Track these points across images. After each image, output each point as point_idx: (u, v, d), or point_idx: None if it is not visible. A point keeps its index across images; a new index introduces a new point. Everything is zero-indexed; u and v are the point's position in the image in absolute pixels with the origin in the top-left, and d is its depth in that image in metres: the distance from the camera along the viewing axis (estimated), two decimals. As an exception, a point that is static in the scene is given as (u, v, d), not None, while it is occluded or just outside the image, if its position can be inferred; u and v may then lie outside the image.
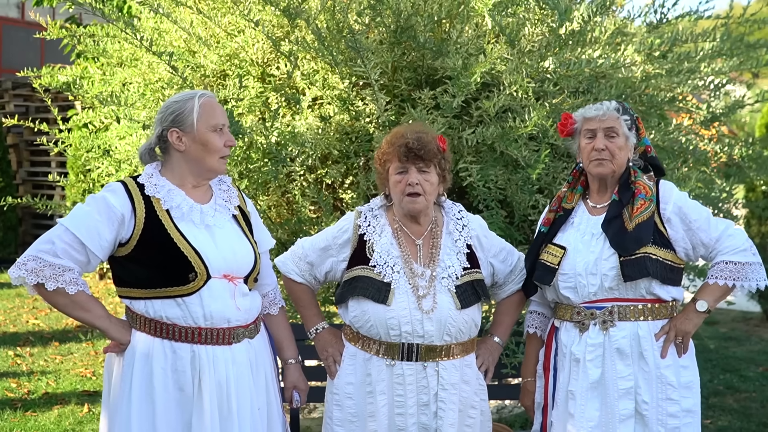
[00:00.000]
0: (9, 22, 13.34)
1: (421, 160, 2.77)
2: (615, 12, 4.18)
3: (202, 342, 2.59)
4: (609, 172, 2.83)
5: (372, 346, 2.81)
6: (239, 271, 2.68)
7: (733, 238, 2.80)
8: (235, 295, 2.65)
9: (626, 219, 2.76)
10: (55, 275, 2.53)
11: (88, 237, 2.54)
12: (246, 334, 2.69)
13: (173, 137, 2.65)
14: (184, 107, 2.64)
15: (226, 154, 2.70)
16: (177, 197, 2.64)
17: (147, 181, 2.65)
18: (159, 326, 2.58)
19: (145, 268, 2.59)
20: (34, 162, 12.36)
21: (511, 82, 3.64)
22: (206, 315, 2.58)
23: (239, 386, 2.64)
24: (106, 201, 2.58)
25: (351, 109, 3.92)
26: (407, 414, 2.77)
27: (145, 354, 2.59)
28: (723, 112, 4.41)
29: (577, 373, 2.80)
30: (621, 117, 2.81)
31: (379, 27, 3.92)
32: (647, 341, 2.76)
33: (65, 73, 4.65)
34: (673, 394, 2.76)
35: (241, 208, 2.80)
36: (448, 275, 2.82)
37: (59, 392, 5.63)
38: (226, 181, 2.82)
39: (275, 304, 2.95)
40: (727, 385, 5.96)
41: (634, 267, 2.72)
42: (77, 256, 2.55)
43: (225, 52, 4.21)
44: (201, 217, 2.66)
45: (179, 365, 2.58)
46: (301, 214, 4.04)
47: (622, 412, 2.74)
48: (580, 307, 2.81)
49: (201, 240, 2.62)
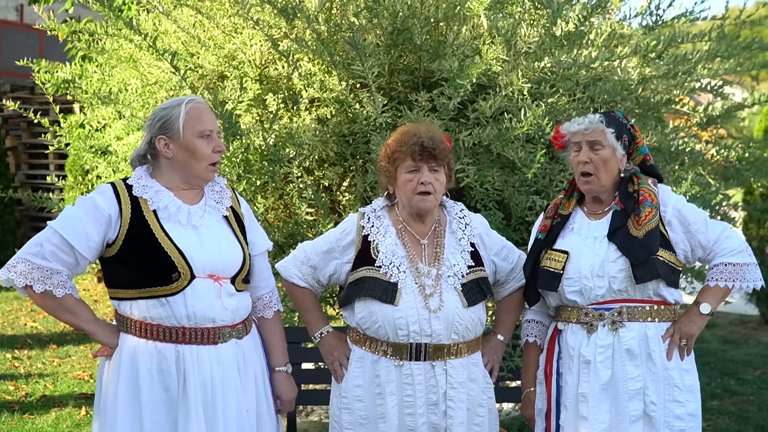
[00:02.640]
0: (7, 25, 13.34)
1: (434, 159, 2.76)
2: (612, 13, 4.17)
3: (187, 342, 2.58)
4: (597, 189, 2.83)
5: (379, 348, 2.80)
6: (225, 272, 2.66)
7: (730, 240, 2.81)
8: (222, 295, 2.63)
9: (631, 227, 2.75)
10: (43, 278, 2.53)
11: (76, 238, 2.54)
12: (233, 335, 2.67)
13: (161, 144, 2.65)
14: (171, 114, 2.64)
15: (215, 161, 2.69)
16: (165, 198, 2.64)
17: (136, 182, 2.65)
18: (144, 327, 2.58)
19: (130, 268, 2.59)
20: (33, 164, 12.37)
21: (507, 83, 3.64)
22: (189, 315, 2.57)
23: (225, 387, 2.62)
24: (93, 202, 2.59)
25: (348, 112, 3.92)
26: (417, 414, 2.76)
27: (131, 355, 2.59)
28: (720, 114, 4.41)
29: (588, 375, 2.78)
30: (606, 129, 2.80)
31: (376, 29, 3.92)
32: (655, 342, 2.76)
33: (64, 70, 4.65)
34: (679, 396, 2.76)
35: (234, 209, 2.79)
36: (453, 274, 2.81)
37: (57, 395, 5.62)
38: (219, 182, 2.80)
39: (270, 307, 2.92)
40: (725, 389, 5.94)
41: (645, 269, 2.72)
42: (65, 258, 2.56)
43: (223, 53, 4.21)
44: (188, 217, 2.65)
45: (164, 366, 2.57)
46: (299, 216, 4.03)
47: (632, 413, 2.73)
48: (588, 309, 2.79)
49: (186, 239, 2.61)
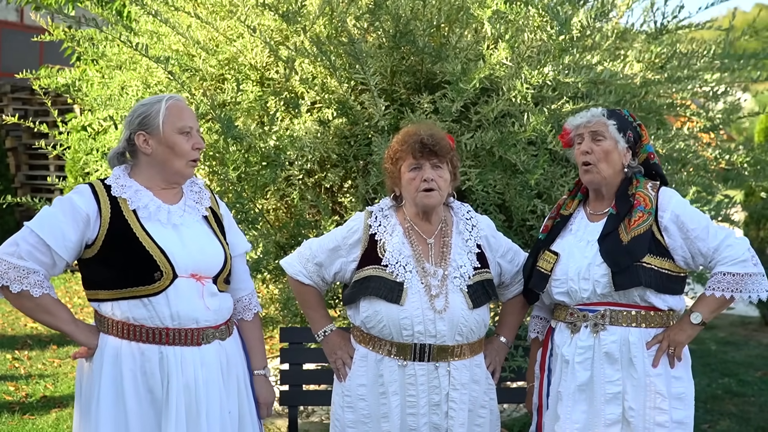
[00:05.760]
0: (8, 26, 13.35)
1: (435, 155, 2.76)
2: (616, 18, 4.17)
3: (170, 343, 2.56)
4: (598, 179, 2.81)
5: (383, 347, 2.79)
6: (208, 271, 2.64)
7: (732, 248, 2.71)
8: (204, 294, 2.61)
9: (622, 232, 2.73)
10: (19, 278, 2.49)
11: (52, 238, 2.51)
12: (216, 335, 2.66)
13: (140, 140, 2.63)
14: (151, 110, 2.63)
15: (194, 158, 2.67)
16: (144, 197, 2.62)
17: (114, 182, 2.63)
18: (127, 328, 2.55)
19: (111, 268, 2.55)
20: (33, 165, 12.39)
21: (509, 87, 3.64)
22: (173, 315, 2.55)
23: (209, 388, 2.60)
24: (71, 202, 2.56)
25: (350, 113, 3.92)
26: (419, 414, 2.77)
27: (113, 357, 2.55)
28: (722, 119, 4.41)
29: (566, 375, 2.79)
30: (608, 121, 2.80)
31: (378, 31, 3.92)
32: (637, 348, 2.72)
33: (64, 75, 4.65)
34: (662, 404, 2.71)
35: (213, 209, 2.77)
36: (460, 275, 2.81)
37: (57, 395, 5.61)
38: (198, 182, 2.79)
39: (250, 309, 2.90)
40: (726, 390, 5.95)
41: (626, 276, 2.69)
42: (42, 258, 2.52)
43: (223, 57, 4.20)
44: (168, 216, 2.62)
45: (148, 367, 2.55)
46: (300, 217, 4.03)
47: (608, 417, 2.72)
48: (574, 309, 2.80)
49: (167, 239, 2.58)
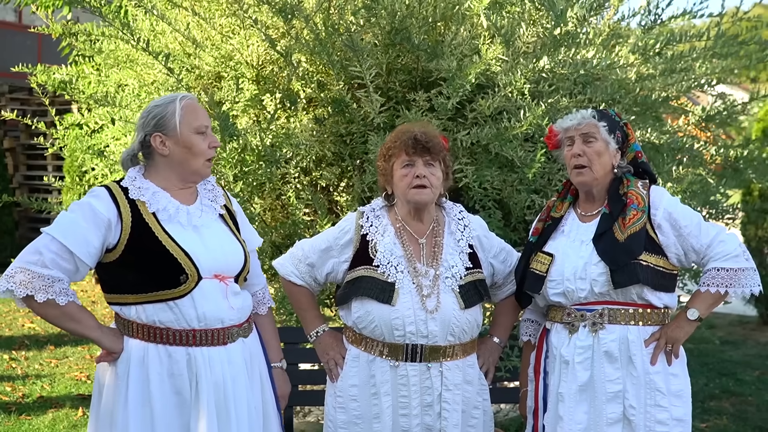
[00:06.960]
0: (6, 26, 13.32)
1: (428, 152, 2.76)
2: (611, 12, 4.16)
3: (197, 344, 2.55)
4: (590, 180, 2.81)
5: (375, 348, 2.79)
6: (230, 271, 2.64)
7: (724, 244, 2.73)
8: (228, 294, 2.61)
9: (617, 230, 2.72)
10: (44, 287, 2.46)
11: (76, 245, 2.48)
12: (240, 333, 2.66)
13: (156, 142, 2.61)
14: (166, 110, 2.60)
15: (211, 156, 2.66)
16: (162, 199, 2.60)
17: (131, 184, 2.60)
18: (152, 331, 2.54)
19: (134, 272, 2.53)
20: (31, 166, 12.39)
21: (506, 83, 3.63)
22: (200, 316, 2.54)
23: (236, 386, 2.61)
24: (91, 207, 2.52)
25: (346, 111, 3.91)
26: (411, 415, 2.76)
27: (139, 360, 2.54)
28: (718, 112, 4.40)
29: (567, 376, 2.78)
30: (598, 123, 2.79)
31: (374, 28, 3.91)
32: (636, 345, 2.72)
33: (61, 71, 4.64)
34: (662, 401, 2.71)
35: (227, 207, 2.77)
36: (451, 275, 2.80)
37: (54, 396, 5.61)
38: (210, 180, 2.78)
39: (264, 303, 2.92)
40: (724, 389, 5.94)
41: (624, 274, 2.69)
42: (66, 266, 2.49)
43: (220, 54, 4.20)
44: (188, 218, 2.61)
45: (175, 369, 2.54)
46: (296, 216, 4.02)
47: (609, 416, 2.71)
48: (571, 309, 2.79)
49: (190, 241, 2.57)
